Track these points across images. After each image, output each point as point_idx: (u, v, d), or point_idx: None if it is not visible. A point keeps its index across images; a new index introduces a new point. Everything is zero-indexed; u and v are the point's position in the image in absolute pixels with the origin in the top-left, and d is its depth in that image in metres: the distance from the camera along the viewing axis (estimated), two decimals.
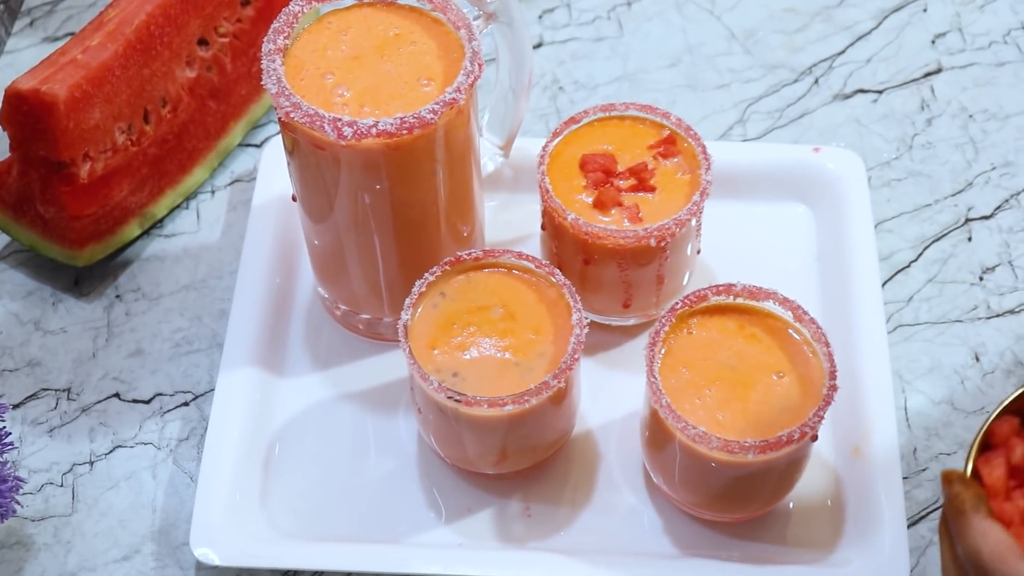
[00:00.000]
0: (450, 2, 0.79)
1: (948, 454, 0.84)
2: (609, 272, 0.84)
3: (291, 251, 0.92)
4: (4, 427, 0.79)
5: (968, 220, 0.95)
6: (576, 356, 0.76)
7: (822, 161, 0.94)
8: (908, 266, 0.93)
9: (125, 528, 0.83)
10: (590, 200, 0.84)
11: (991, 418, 0.67)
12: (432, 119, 0.75)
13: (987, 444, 0.67)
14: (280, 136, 0.83)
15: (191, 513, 0.81)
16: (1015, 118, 1.00)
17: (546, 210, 0.84)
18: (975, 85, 1.02)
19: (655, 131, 0.86)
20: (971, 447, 0.66)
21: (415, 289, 0.79)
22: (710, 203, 0.85)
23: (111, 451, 0.86)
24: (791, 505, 0.81)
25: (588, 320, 0.79)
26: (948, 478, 0.64)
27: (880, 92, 1.02)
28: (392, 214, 0.80)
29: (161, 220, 0.96)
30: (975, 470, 0.66)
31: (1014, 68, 1.03)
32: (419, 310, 0.79)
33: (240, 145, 1.00)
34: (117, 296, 0.93)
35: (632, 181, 0.84)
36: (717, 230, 0.91)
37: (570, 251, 0.84)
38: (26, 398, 0.88)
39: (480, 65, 0.77)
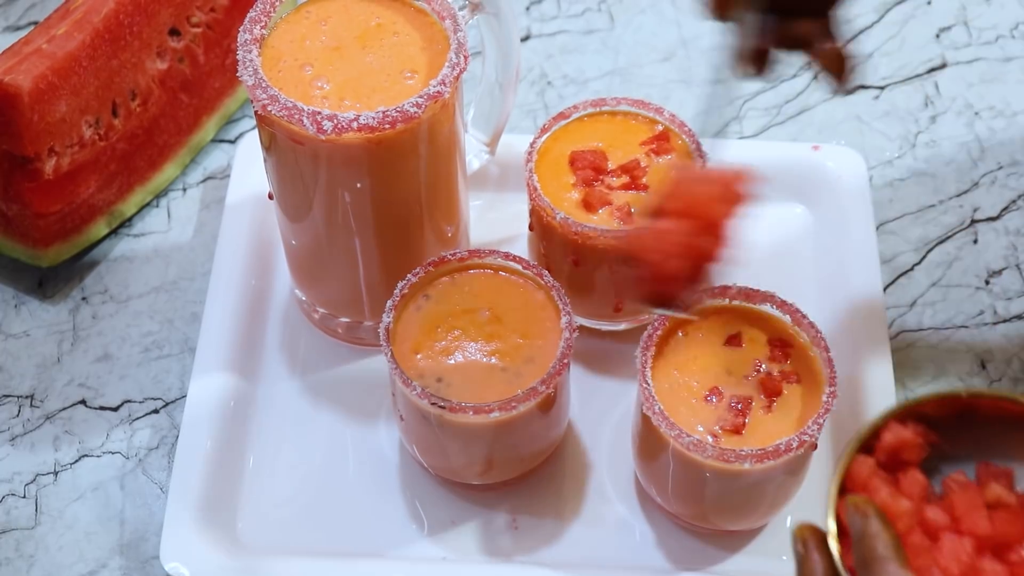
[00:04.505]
0: None
1: None
2: (600, 274, 0.84)
3: (267, 252, 0.92)
4: None
5: (974, 221, 0.96)
6: (565, 361, 0.77)
7: (822, 160, 0.95)
8: (911, 269, 0.94)
9: (91, 541, 0.83)
10: (580, 199, 0.84)
11: (845, 460, 0.63)
12: (415, 113, 0.75)
13: (842, 489, 0.63)
14: (255, 131, 0.83)
15: (161, 526, 0.81)
16: (1023, 115, 1.01)
17: (534, 209, 0.85)
18: (981, 81, 1.03)
19: (648, 127, 0.87)
20: (830, 493, 0.62)
21: (397, 291, 0.79)
22: None
23: (77, 460, 0.86)
24: (789, 518, 0.82)
25: (578, 324, 0.79)
26: (860, 509, 0.59)
27: (882, 88, 1.03)
28: (373, 213, 0.81)
29: (130, 219, 0.97)
30: (838, 520, 0.62)
31: (1022, 63, 1.04)
32: (401, 313, 0.79)
33: (213, 140, 1.00)
34: (83, 298, 0.93)
35: (624, 179, 0.85)
36: None
37: (559, 252, 0.84)
38: None
39: (466, 57, 0.77)
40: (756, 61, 0.71)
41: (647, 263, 0.65)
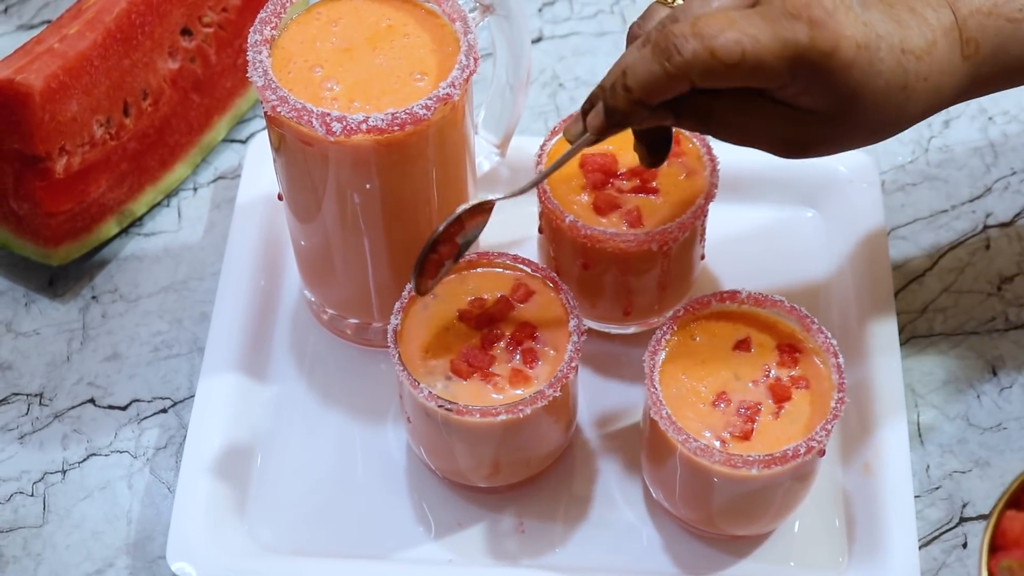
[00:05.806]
0: None
1: (962, 472, 0.85)
2: (609, 277, 0.84)
3: (276, 252, 0.93)
4: None
5: (986, 227, 0.96)
6: (573, 365, 0.77)
7: (833, 164, 0.95)
8: (923, 275, 0.94)
9: (99, 540, 0.83)
10: (590, 202, 0.84)
11: (994, 517, 0.61)
12: (425, 115, 0.75)
13: (993, 547, 0.61)
14: (266, 131, 0.84)
15: (168, 525, 0.81)
16: None
17: (544, 212, 0.85)
18: None
19: None
20: (981, 553, 0.60)
21: (405, 293, 0.80)
22: (715, 206, 0.85)
23: (85, 459, 0.87)
24: (797, 523, 0.82)
25: (586, 327, 0.79)
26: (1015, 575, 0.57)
27: None
28: (382, 214, 0.81)
29: (140, 218, 0.97)
30: None
31: None
32: (409, 314, 0.80)
33: (224, 140, 1.01)
34: (93, 297, 0.94)
35: (634, 182, 0.85)
36: (722, 235, 0.91)
37: (568, 255, 0.85)
38: None
39: (476, 59, 0.78)
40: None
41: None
